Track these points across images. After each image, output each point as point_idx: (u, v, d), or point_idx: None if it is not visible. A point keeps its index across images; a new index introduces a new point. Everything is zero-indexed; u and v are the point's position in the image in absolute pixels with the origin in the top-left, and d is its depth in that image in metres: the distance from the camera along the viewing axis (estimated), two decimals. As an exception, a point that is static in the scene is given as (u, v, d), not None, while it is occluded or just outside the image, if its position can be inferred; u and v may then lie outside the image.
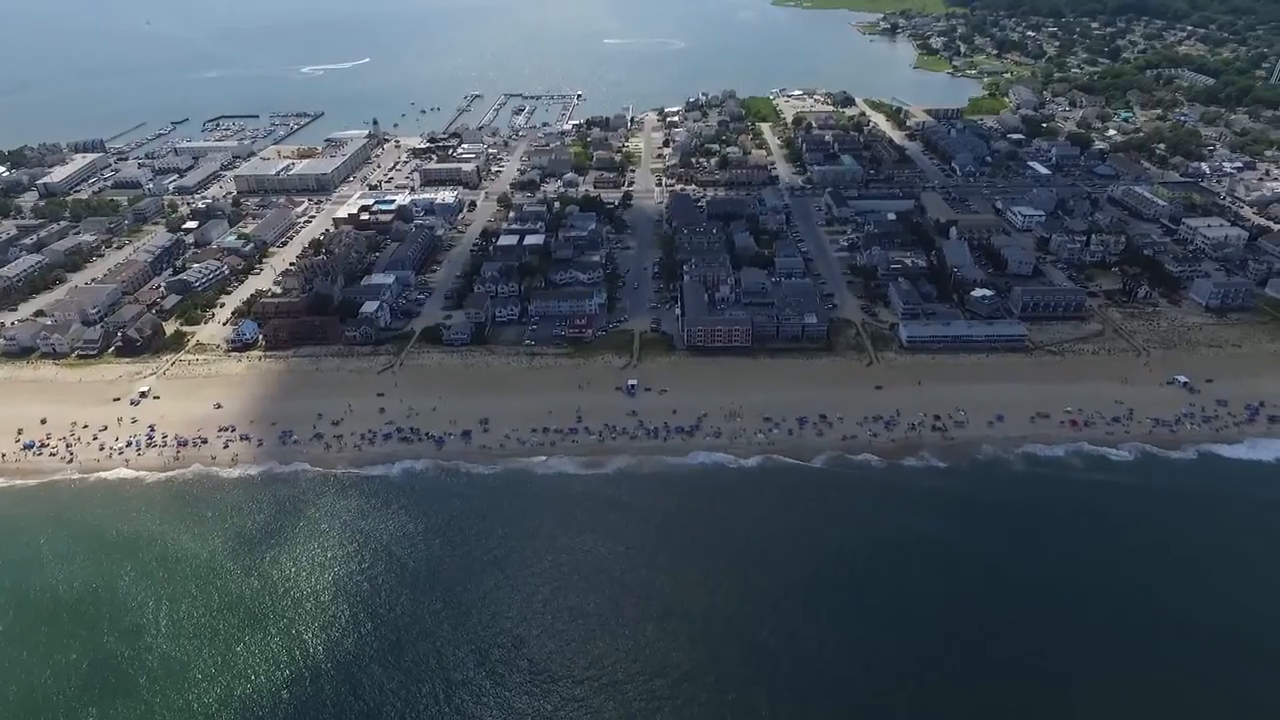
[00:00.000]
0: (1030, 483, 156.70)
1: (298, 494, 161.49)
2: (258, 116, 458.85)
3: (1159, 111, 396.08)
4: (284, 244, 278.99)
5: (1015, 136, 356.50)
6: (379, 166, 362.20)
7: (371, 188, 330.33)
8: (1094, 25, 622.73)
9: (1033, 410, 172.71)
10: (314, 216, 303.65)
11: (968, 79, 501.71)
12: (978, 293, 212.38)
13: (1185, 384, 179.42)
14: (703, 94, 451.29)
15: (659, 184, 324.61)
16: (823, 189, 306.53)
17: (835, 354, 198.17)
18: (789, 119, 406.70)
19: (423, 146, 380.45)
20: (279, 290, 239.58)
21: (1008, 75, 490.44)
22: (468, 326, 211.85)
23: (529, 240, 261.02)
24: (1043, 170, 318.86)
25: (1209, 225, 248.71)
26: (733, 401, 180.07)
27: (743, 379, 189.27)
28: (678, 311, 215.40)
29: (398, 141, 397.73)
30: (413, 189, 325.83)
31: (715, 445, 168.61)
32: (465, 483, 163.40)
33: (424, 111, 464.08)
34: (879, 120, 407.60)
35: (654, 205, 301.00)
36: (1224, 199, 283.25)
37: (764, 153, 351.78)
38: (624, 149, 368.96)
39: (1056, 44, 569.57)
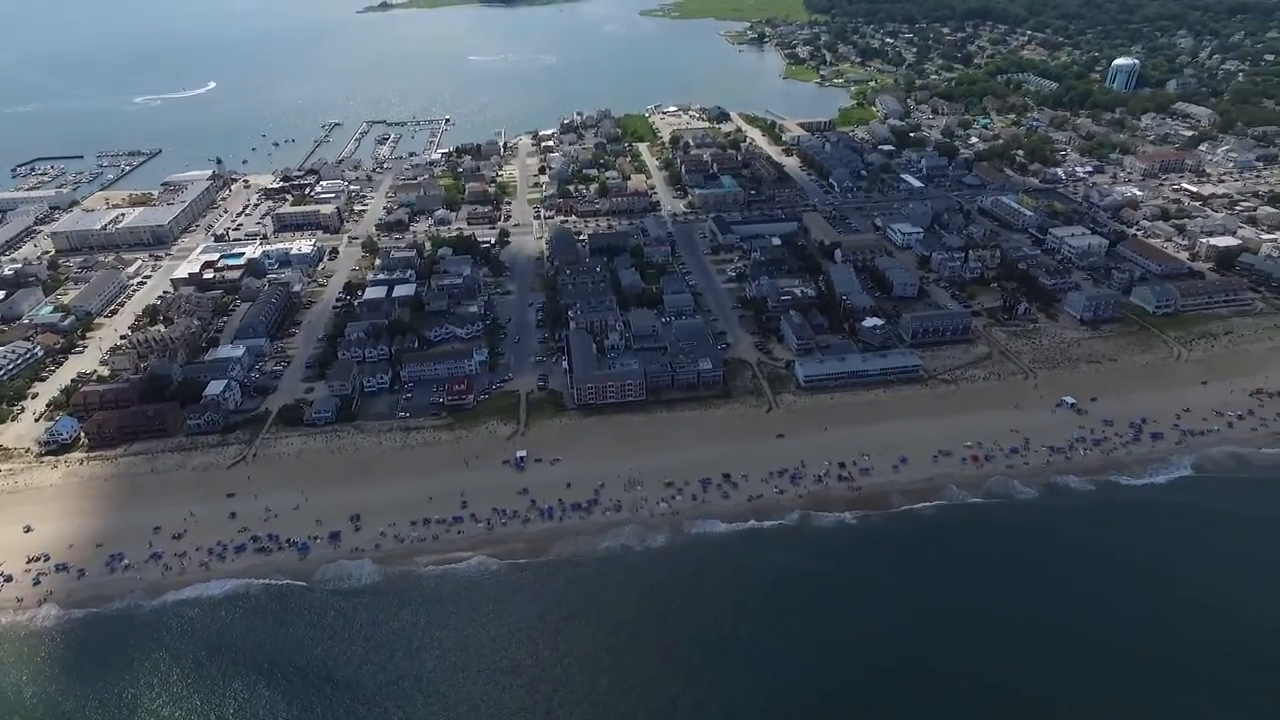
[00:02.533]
0: (941, 531, 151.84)
1: (130, 639, 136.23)
2: (81, 157, 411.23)
3: (1013, 116, 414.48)
4: (113, 313, 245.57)
5: (887, 148, 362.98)
6: (226, 212, 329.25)
7: (217, 238, 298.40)
8: (946, 31, 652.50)
9: (934, 448, 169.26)
10: (149, 277, 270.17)
11: (835, 88, 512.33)
12: (869, 322, 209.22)
13: (1073, 405, 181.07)
14: (577, 114, 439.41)
15: (537, 216, 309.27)
16: (705, 213, 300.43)
17: (733, 400, 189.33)
18: (666, 138, 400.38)
19: (276, 186, 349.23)
20: (106, 373, 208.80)
21: (873, 84, 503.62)
22: (332, 402, 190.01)
23: (399, 292, 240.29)
24: (915, 183, 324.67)
25: (1073, 234, 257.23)
26: (631, 467, 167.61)
27: (640, 439, 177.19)
28: (565, 366, 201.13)
29: (247, 181, 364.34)
30: (265, 237, 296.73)
31: (616, 521, 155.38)
32: (335, 598, 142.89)
33: (277, 145, 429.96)
34: (755, 135, 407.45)
35: (533, 242, 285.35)
36: (1082, 205, 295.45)
37: (643, 176, 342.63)
38: (498, 178, 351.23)
39: (914, 50, 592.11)
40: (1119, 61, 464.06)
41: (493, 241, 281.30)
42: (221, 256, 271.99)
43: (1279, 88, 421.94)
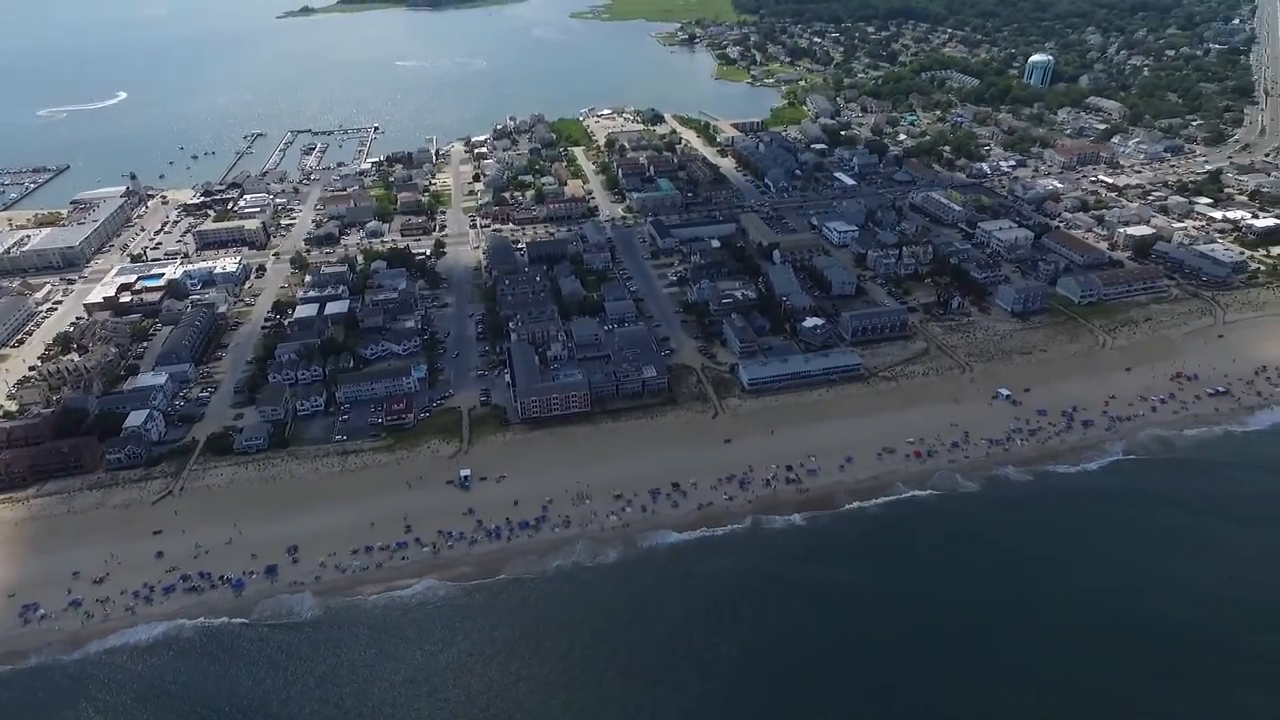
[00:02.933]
0: (889, 528, 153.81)
1: (50, 695, 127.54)
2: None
3: (939, 113, 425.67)
4: (19, 343, 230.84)
5: (819, 147, 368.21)
6: (142, 230, 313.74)
7: (134, 259, 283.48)
8: (870, 30, 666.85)
9: (878, 445, 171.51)
10: (60, 303, 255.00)
11: (767, 88, 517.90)
12: (809, 322, 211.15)
13: (1008, 397, 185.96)
14: (511, 119, 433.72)
15: (473, 225, 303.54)
16: (643, 217, 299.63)
17: (679, 407, 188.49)
18: (601, 141, 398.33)
19: (196, 201, 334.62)
20: (14, 408, 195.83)
21: (803, 83, 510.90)
22: (263, 428, 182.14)
23: (331, 309, 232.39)
24: (848, 180, 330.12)
25: (1000, 228, 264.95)
26: (578, 480, 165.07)
27: (586, 451, 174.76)
28: (507, 379, 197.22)
29: (165, 197, 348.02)
30: (186, 256, 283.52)
31: (566, 538, 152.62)
32: (275, 635, 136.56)
33: (196, 158, 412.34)
34: (690, 137, 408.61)
35: (470, 252, 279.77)
36: (1008, 198, 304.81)
37: (580, 181, 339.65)
38: (431, 187, 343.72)
39: (841, 49, 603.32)
40: (1035, 58, 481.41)
41: (428, 253, 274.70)
42: (139, 278, 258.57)
43: (1180, 82, 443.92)
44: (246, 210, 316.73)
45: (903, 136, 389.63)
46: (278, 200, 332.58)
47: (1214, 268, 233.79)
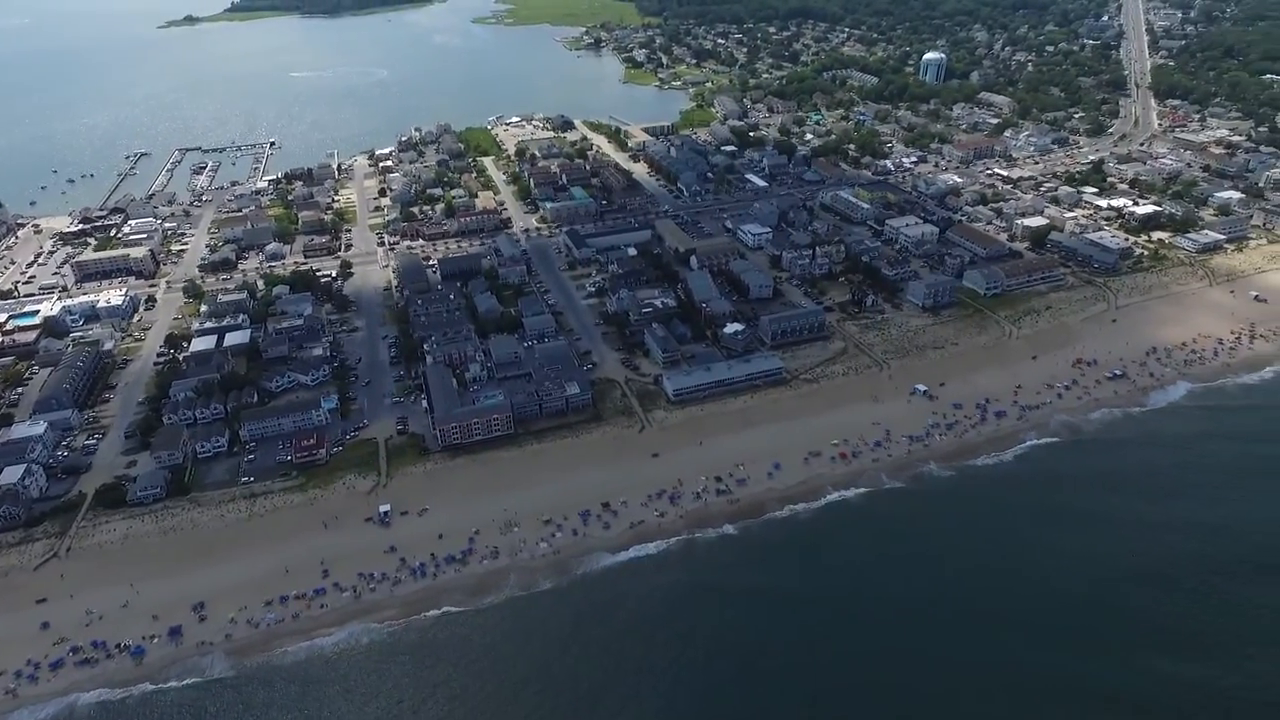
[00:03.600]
0: (818, 532, 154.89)
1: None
2: None
3: (842, 111, 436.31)
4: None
5: (729, 149, 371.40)
6: (13, 264, 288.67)
7: (3, 295, 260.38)
8: (772, 30, 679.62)
9: (804, 450, 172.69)
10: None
11: (675, 91, 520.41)
12: (730, 328, 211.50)
13: (925, 392, 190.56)
14: (416, 130, 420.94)
15: (381, 243, 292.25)
16: (558, 227, 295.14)
17: (605, 423, 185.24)
18: (511, 150, 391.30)
19: (75, 229, 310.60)
20: None
21: (709, 85, 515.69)
22: (160, 475, 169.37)
23: (230, 340, 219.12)
24: (760, 182, 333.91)
25: (907, 224, 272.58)
26: (505, 508, 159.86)
27: (512, 476, 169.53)
28: (425, 405, 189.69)
29: (37, 226, 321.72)
30: (65, 290, 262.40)
31: (495, 570, 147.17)
32: (184, 702, 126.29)
33: (72, 181, 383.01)
34: (601, 142, 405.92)
35: (379, 271, 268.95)
36: (912, 194, 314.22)
37: (491, 193, 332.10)
38: (334, 204, 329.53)
39: (745, 50, 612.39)
40: (928, 56, 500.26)
41: (334, 274, 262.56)
42: (10, 317, 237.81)
43: (1061, 77, 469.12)
44: (132, 237, 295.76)
45: (809, 136, 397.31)
46: (167, 225, 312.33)
47: (1103, 255, 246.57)
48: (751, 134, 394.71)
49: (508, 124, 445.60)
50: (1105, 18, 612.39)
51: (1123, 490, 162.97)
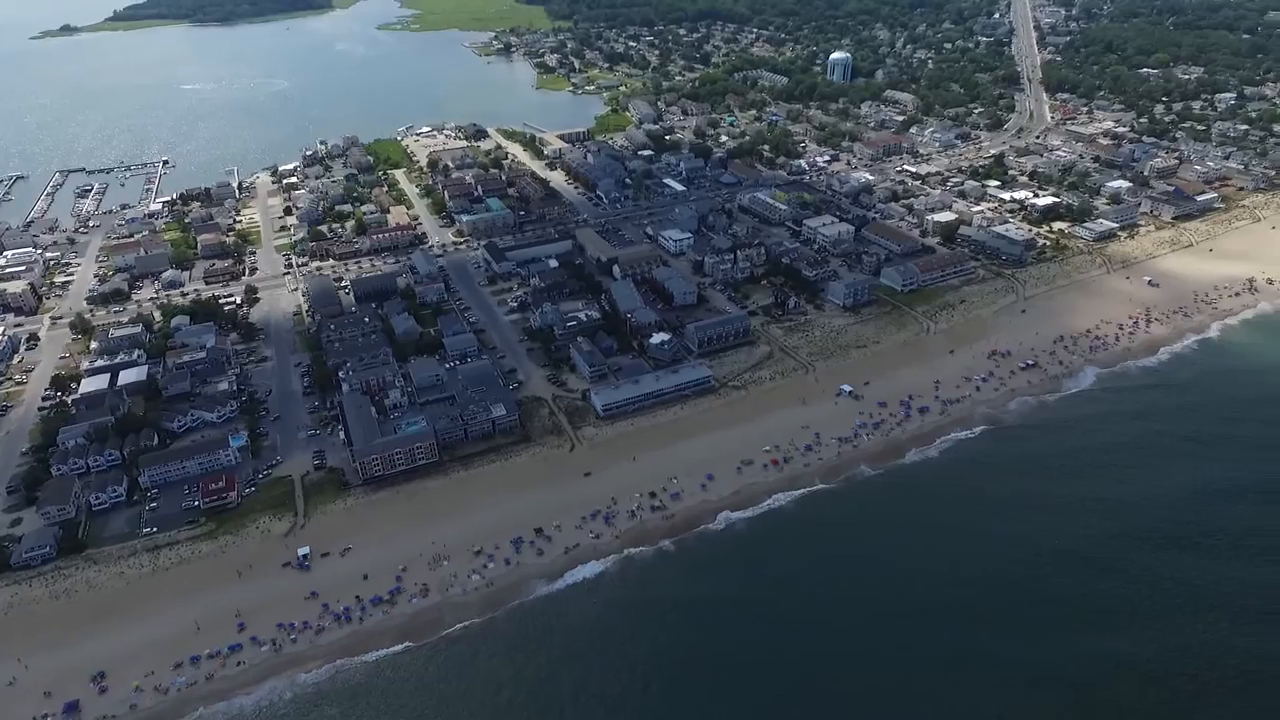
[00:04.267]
0: (753, 541, 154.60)
1: None
2: None
3: (754, 112, 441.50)
4: None
5: (646, 154, 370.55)
6: None
7: None
8: (682, 32, 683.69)
9: (737, 459, 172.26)
10: None
11: (589, 95, 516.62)
12: (656, 339, 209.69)
13: (851, 393, 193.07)
14: (321, 143, 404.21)
15: (289, 265, 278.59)
16: (476, 240, 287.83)
17: (534, 444, 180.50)
18: (423, 162, 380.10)
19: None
20: None
21: (623, 89, 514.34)
22: (49, 533, 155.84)
23: (126, 378, 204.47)
24: (678, 186, 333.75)
25: (824, 224, 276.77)
26: (433, 541, 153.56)
27: (439, 506, 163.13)
28: (343, 437, 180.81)
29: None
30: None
31: (425, 608, 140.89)
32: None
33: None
34: (516, 151, 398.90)
35: (288, 295, 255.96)
36: (827, 194, 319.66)
37: (404, 207, 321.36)
38: (236, 226, 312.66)
39: (657, 53, 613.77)
40: (835, 55, 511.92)
41: (239, 301, 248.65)
42: None
43: (960, 73, 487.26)
44: (8, 270, 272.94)
45: (724, 138, 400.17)
46: (49, 254, 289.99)
47: (1010, 247, 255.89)
48: (667, 137, 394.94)
49: (418, 134, 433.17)
50: (996, 15, 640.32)
51: (1042, 475, 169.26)
